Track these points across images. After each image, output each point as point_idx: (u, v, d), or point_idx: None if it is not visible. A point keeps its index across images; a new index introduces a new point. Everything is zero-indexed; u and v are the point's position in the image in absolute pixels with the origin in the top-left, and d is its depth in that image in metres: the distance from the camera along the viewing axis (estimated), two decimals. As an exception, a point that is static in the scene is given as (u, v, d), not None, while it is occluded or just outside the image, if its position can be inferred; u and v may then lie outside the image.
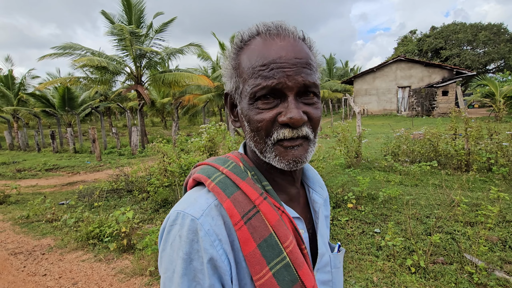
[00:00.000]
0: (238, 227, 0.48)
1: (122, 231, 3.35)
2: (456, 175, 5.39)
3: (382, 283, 2.45)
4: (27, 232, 4.15)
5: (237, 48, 0.55)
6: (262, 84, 0.49)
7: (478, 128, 5.47)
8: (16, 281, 2.89)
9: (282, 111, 0.50)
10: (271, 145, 0.51)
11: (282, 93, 0.50)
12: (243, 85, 0.53)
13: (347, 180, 4.80)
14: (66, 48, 12.56)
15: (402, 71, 20.73)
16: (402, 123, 15.79)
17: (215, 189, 0.51)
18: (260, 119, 0.50)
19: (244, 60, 0.53)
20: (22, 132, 15.43)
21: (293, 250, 0.50)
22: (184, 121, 25.29)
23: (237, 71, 0.54)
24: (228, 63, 0.57)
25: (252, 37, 0.54)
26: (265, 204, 0.51)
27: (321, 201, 0.64)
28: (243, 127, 0.56)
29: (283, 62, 0.49)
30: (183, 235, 0.47)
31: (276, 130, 0.50)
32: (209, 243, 0.46)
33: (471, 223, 3.37)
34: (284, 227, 0.51)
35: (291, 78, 0.49)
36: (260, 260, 0.47)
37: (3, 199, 5.58)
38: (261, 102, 0.50)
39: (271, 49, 0.50)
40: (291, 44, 0.51)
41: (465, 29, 32.45)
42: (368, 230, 3.41)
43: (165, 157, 5.06)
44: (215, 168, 0.56)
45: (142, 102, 13.50)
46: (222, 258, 0.47)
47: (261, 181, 0.55)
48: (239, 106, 0.56)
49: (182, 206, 0.51)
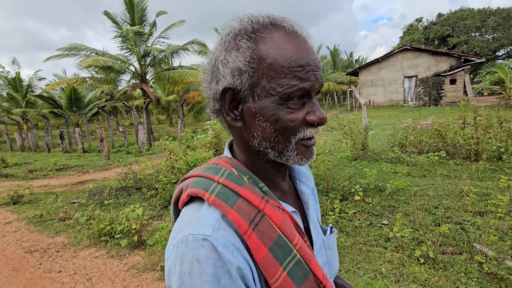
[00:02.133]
0: (247, 236, 0.47)
1: (132, 228, 3.42)
2: (465, 165, 5.32)
3: (391, 274, 2.46)
4: (41, 230, 4.26)
5: (248, 38, 0.50)
6: (299, 86, 0.49)
7: (487, 117, 5.37)
8: (33, 278, 2.99)
9: (309, 111, 0.52)
10: (294, 144, 0.53)
11: (309, 94, 0.51)
12: (268, 83, 0.49)
13: (354, 172, 4.78)
14: (71, 49, 12.70)
15: (408, 61, 20.36)
16: (409, 114, 15.57)
17: (216, 201, 0.49)
18: (293, 119, 0.51)
19: (270, 56, 0.49)
20: (32, 133, 15.73)
21: (302, 246, 0.51)
22: (189, 118, 25.39)
23: (258, 66, 0.49)
24: (235, 55, 0.50)
25: (266, 28, 0.51)
26: (269, 207, 0.51)
27: (309, 191, 0.65)
28: (254, 126, 0.52)
29: (313, 65, 0.51)
30: (202, 257, 0.44)
31: (303, 129, 0.52)
32: (230, 255, 0.45)
33: (481, 212, 3.34)
34: (289, 225, 0.51)
35: (318, 81, 0.51)
36: (273, 262, 0.48)
37: (17, 199, 5.74)
38: (293, 102, 0.50)
39: (301, 50, 0.50)
40: (311, 46, 0.53)
41: (473, 15, 31.60)
42: (376, 222, 3.41)
43: (172, 154, 5.11)
44: (210, 179, 0.53)
45: (148, 100, 13.59)
46: (245, 265, 0.46)
47: (257, 184, 0.55)
48: (251, 104, 0.51)
49: (188, 229, 0.47)
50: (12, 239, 4.02)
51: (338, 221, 3.48)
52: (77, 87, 16.71)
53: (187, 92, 20.85)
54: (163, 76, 13.69)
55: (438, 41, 34.30)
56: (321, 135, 10.57)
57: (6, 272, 3.14)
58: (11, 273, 3.11)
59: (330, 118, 18.51)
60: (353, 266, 2.62)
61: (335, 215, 3.47)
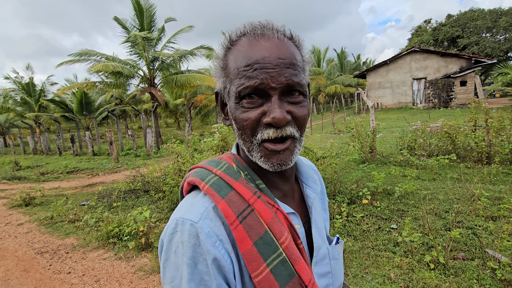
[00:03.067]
0: (234, 227, 0.49)
1: (140, 230, 3.46)
2: (476, 168, 5.19)
3: (400, 280, 2.41)
4: (52, 232, 4.34)
5: (225, 48, 0.56)
6: (246, 84, 0.50)
7: (499, 119, 5.25)
8: (43, 279, 3.04)
9: (266, 111, 0.50)
10: (257, 144, 0.52)
11: (266, 93, 0.50)
12: (230, 85, 0.54)
13: (361, 175, 4.72)
14: (82, 54, 13.00)
15: (417, 62, 20.10)
16: (418, 116, 15.34)
17: (209, 191, 0.52)
18: (245, 118, 0.51)
19: (231, 61, 0.54)
20: (44, 136, 16.11)
21: (289, 245, 0.51)
22: (196, 121, 25.60)
23: (224, 71, 0.56)
24: (217, 63, 0.58)
25: (239, 37, 0.54)
26: (259, 203, 0.52)
27: (314, 195, 0.65)
28: (232, 125, 0.57)
29: (266, 62, 0.49)
30: (185, 240, 0.48)
31: (261, 130, 0.51)
32: (211, 245, 0.47)
33: (493, 217, 3.25)
34: (278, 223, 0.51)
35: (274, 78, 0.49)
36: (257, 257, 0.48)
37: (28, 201, 5.86)
38: (246, 101, 0.51)
39: (255, 50, 0.51)
40: (275, 44, 0.51)
41: (484, 16, 31.04)
42: (385, 226, 3.35)
43: (179, 157, 5.15)
44: (208, 170, 0.57)
45: (156, 104, 13.77)
46: (225, 257, 0.48)
47: (255, 180, 0.56)
48: (228, 105, 0.57)
49: (180, 213, 0.52)
50: (23, 240, 4.11)
51: (345, 224, 3.44)
52: (87, 92, 17.07)
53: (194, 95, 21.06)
54: (171, 80, 13.87)
55: (448, 42, 33.77)
56: (328, 138, 10.50)
57: (17, 273, 3.20)
58: (22, 274, 3.18)
59: (337, 121, 18.38)
60: (361, 271, 2.58)
61: (342, 218, 3.43)
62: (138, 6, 13.24)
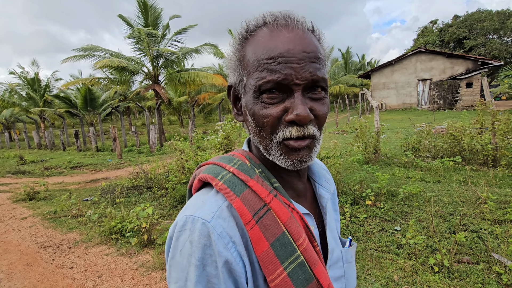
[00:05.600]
0: (249, 227, 0.46)
1: (142, 227, 3.46)
2: (482, 171, 5.14)
3: (403, 282, 2.39)
4: (55, 226, 4.37)
5: (242, 38, 0.52)
6: (268, 78, 0.46)
7: (506, 121, 5.17)
8: (46, 273, 3.06)
9: (289, 107, 0.47)
10: (277, 143, 0.49)
11: (289, 88, 0.47)
12: (248, 78, 0.50)
13: (365, 176, 4.69)
14: (87, 50, 13.05)
15: (422, 63, 19.92)
16: (423, 117, 15.22)
17: (223, 188, 0.49)
18: (266, 114, 0.48)
19: (249, 52, 0.50)
20: (49, 132, 16.23)
21: (307, 248, 0.49)
22: (200, 119, 25.64)
23: (241, 63, 0.52)
24: (232, 54, 0.54)
25: (258, 27, 0.51)
26: (276, 202, 0.49)
27: (328, 195, 0.62)
28: (247, 121, 0.53)
29: (290, 56, 0.46)
30: (194, 240, 0.45)
31: (282, 128, 0.48)
32: (223, 246, 0.44)
33: (499, 221, 3.21)
34: (296, 224, 0.49)
35: (298, 74, 0.46)
36: (274, 259, 0.46)
37: (32, 196, 5.90)
38: (266, 96, 0.48)
39: (278, 41, 0.47)
40: (299, 36, 0.48)
41: (491, 17, 30.69)
42: (388, 227, 3.33)
43: (182, 155, 5.15)
44: (221, 167, 0.54)
45: (160, 101, 13.80)
46: (237, 260, 0.45)
47: (269, 178, 0.54)
48: (243, 99, 0.53)
49: (191, 210, 0.48)
50: (27, 234, 4.13)
51: (348, 225, 3.42)
52: (92, 88, 17.15)
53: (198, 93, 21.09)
54: (174, 77, 13.89)
55: (454, 43, 33.44)
56: (331, 138, 10.45)
57: (20, 267, 3.22)
58: (25, 268, 3.20)
59: (341, 121, 18.30)
60: (363, 273, 2.56)
61: (345, 219, 3.41)
62: (143, 3, 13.26)
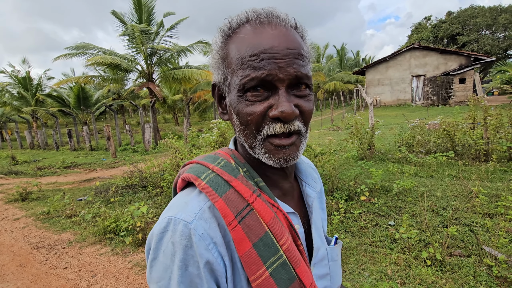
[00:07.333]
0: (232, 227, 0.46)
1: (137, 226, 3.44)
2: (474, 166, 5.21)
3: (397, 276, 2.42)
4: (48, 227, 4.32)
5: (224, 36, 0.52)
6: (251, 75, 0.46)
7: (498, 116, 5.25)
8: (39, 274, 3.03)
9: (273, 104, 0.47)
10: (261, 140, 0.49)
11: (273, 85, 0.47)
12: (232, 76, 0.50)
13: (359, 172, 4.72)
14: (79, 48, 12.86)
15: (416, 60, 20.06)
16: (417, 113, 15.35)
17: (206, 188, 0.49)
18: (250, 112, 0.48)
19: (233, 50, 0.50)
20: (41, 131, 16.01)
21: (290, 247, 0.49)
22: (195, 117, 25.50)
23: (225, 62, 0.51)
24: (215, 53, 0.53)
25: (241, 25, 0.50)
26: (259, 202, 0.49)
27: (314, 194, 0.62)
28: (232, 120, 0.53)
29: (274, 52, 0.46)
30: (176, 241, 0.45)
31: (266, 124, 0.48)
32: (204, 247, 0.45)
33: (490, 214, 3.26)
34: (279, 224, 0.49)
35: (282, 69, 0.46)
36: (256, 260, 0.46)
37: (25, 196, 5.83)
38: (250, 94, 0.48)
39: (262, 38, 0.47)
40: (283, 33, 0.48)
41: (484, 13, 30.97)
42: (382, 222, 3.36)
43: (177, 153, 5.13)
44: (205, 166, 0.53)
45: (154, 99, 13.69)
46: (218, 261, 0.45)
47: (254, 178, 0.53)
48: (227, 98, 0.53)
49: (173, 211, 0.48)
50: (20, 235, 4.08)
51: (343, 221, 3.44)
52: (85, 86, 16.94)
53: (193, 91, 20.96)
54: (169, 75, 13.77)
55: (448, 39, 33.70)
56: (326, 135, 10.49)
57: (13, 268, 3.19)
58: (18, 269, 3.16)
59: (336, 117, 18.37)
60: (358, 267, 2.59)
61: (340, 215, 3.43)
62: (137, 0, 13.09)
